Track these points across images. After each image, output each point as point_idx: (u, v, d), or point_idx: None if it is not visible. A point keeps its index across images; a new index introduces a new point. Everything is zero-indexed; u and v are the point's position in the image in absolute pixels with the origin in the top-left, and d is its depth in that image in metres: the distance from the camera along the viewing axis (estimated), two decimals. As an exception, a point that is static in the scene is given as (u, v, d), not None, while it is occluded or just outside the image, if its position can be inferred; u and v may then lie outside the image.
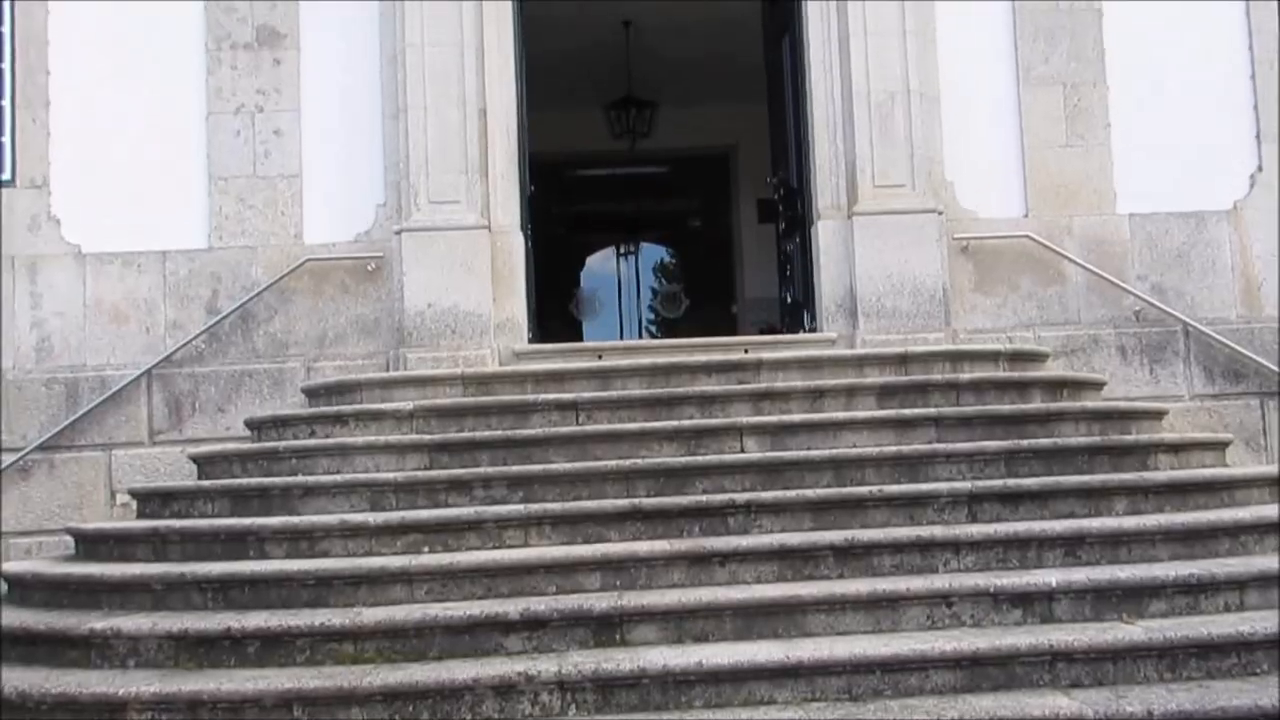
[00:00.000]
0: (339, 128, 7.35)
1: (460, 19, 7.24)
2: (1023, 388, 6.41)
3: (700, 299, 14.62)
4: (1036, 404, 6.25)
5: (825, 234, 7.33)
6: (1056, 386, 6.53)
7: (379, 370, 7.08)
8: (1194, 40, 7.54)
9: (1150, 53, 7.50)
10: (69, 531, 6.05)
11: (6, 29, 7.24)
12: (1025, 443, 5.71)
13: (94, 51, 7.30)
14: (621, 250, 16.29)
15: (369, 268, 7.25)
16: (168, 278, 7.22)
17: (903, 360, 6.63)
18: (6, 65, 7.22)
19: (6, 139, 7.19)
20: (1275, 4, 7.48)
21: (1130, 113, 7.45)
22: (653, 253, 16.96)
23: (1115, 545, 4.95)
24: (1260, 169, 7.47)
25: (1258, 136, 7.47)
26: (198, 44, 7.32)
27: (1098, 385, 6.83)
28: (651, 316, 16.67)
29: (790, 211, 8.14)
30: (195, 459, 6.41)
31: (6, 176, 7.19)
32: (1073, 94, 7.45)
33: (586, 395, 6.22)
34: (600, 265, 16.82)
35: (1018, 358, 6.91)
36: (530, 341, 7.35)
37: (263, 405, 7.05)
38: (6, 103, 7.21)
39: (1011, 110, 7.45)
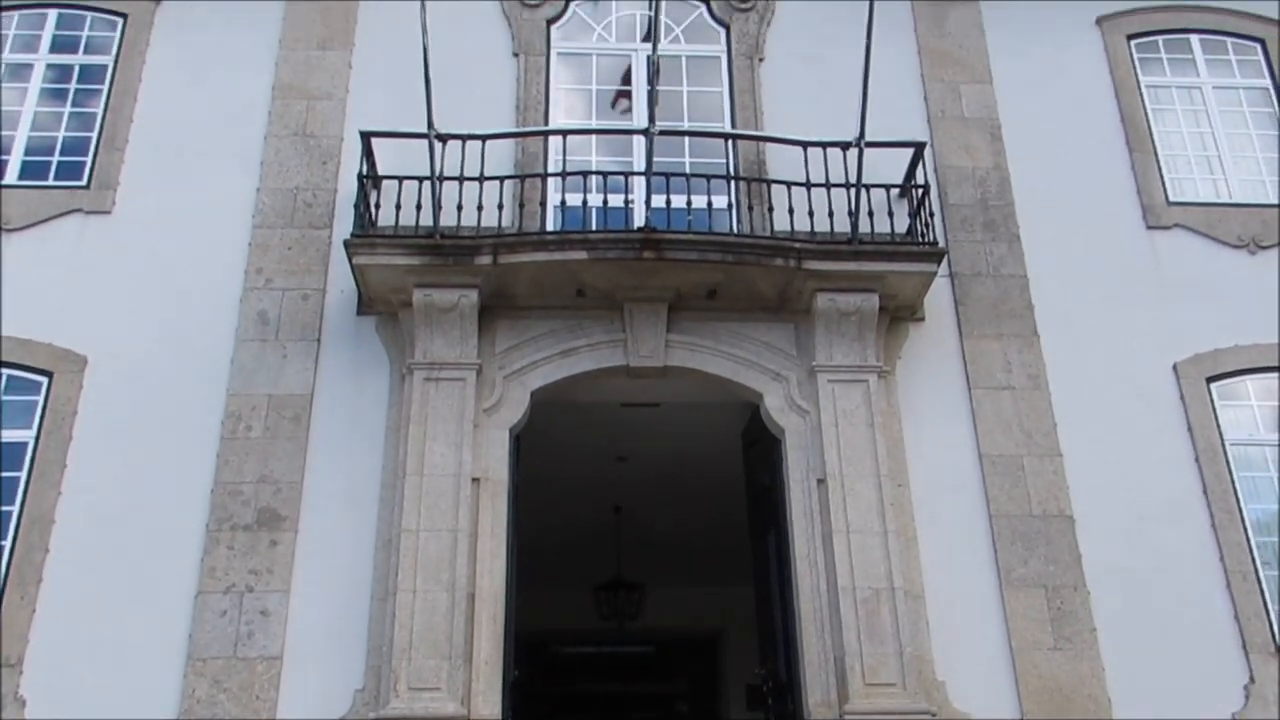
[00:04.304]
0: (326, 609, 7.34)
1: (457, 507, 7.48)
2: None
3: (687, 792, 13.82)
4: None
5: (817, 734, 7.08)
6: None
7: None
8: (1169, 547, 7.79)
9: (1126, 558, 7.72)
10: None
11: (15, 509, 7.49)
12: None
13: (96, 530, 7.48)
14: (606, 733, 15.63)
15: (339, 761, 6.91)
16: (123, 767, 6.86)
17: None
18: (7, 543, 7.39)
19: (-10, 619, 7.18)
20: (1239, 520, 7.85)
21: (1115, 618, 7.51)
22: (639, 734, 16.26)
23: None
24: (1252, 680, 7.40)
25: (1244, 646, 7.49)
26: (199, 525, 7.51)
27: None
28: (636, 805, 15.63)
29: (780, 706, 7.91)
30: None
31: (-20, 656, 7.09)
32: (1054, 596, 7.56)
33: None
34: (583, 746, 16.05)
35: None
36: None
37: None
38: (-6, 582, 7.30)
39: (996, 611, 7.52)
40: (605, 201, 8.14)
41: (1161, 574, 7.68)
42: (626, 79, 9.54)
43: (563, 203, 8.29)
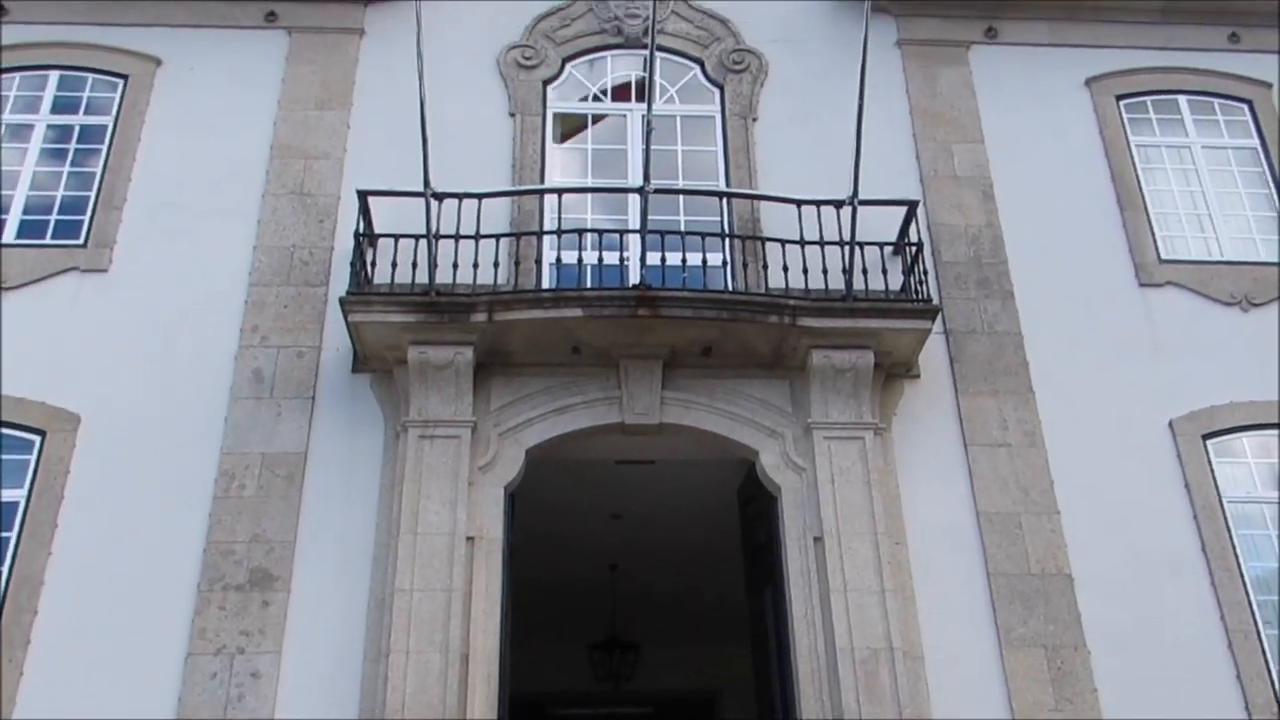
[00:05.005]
0: (318, 671, 7.24)
1: (451, 566, 7.40)
2: None
3: None
4: None
5: (816, 803, 6.95)
6: None
7: None
8: (1169, 606, 7.72)
9: (1126, 618, 7.64)
10: None
11: (5, 570, 7.41)
12: None
13: (86, 591, 7.38)
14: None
15: (325, 835, 6.76)
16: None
17: None
18: (-5, 602, 7.34)
19: (-25, 681, 7.07)
20: (1239, 579, 7.80)
21: (1115, 679, 7.41)
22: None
23: None
24: (1256, 735, 7.34)
25: (1246, 708, 7.38)
26: (190, 585, 7.43)
27: None
28: None
29: (778, 769, 7.80)
30: None
31: (-32, 727, 6.98)
32: (1055, 657, 7.47)
33: None
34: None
35: None
36: None
37: None
38: (-13, 643, 7.19)
39: (996, 671, 7.42)
40: (600, 259, 8.16)
41: (1162, 634, 7.60)
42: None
43: (558, 260, 8.33)
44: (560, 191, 8.71)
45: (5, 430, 7.85)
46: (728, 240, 8.86)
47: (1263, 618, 7.70)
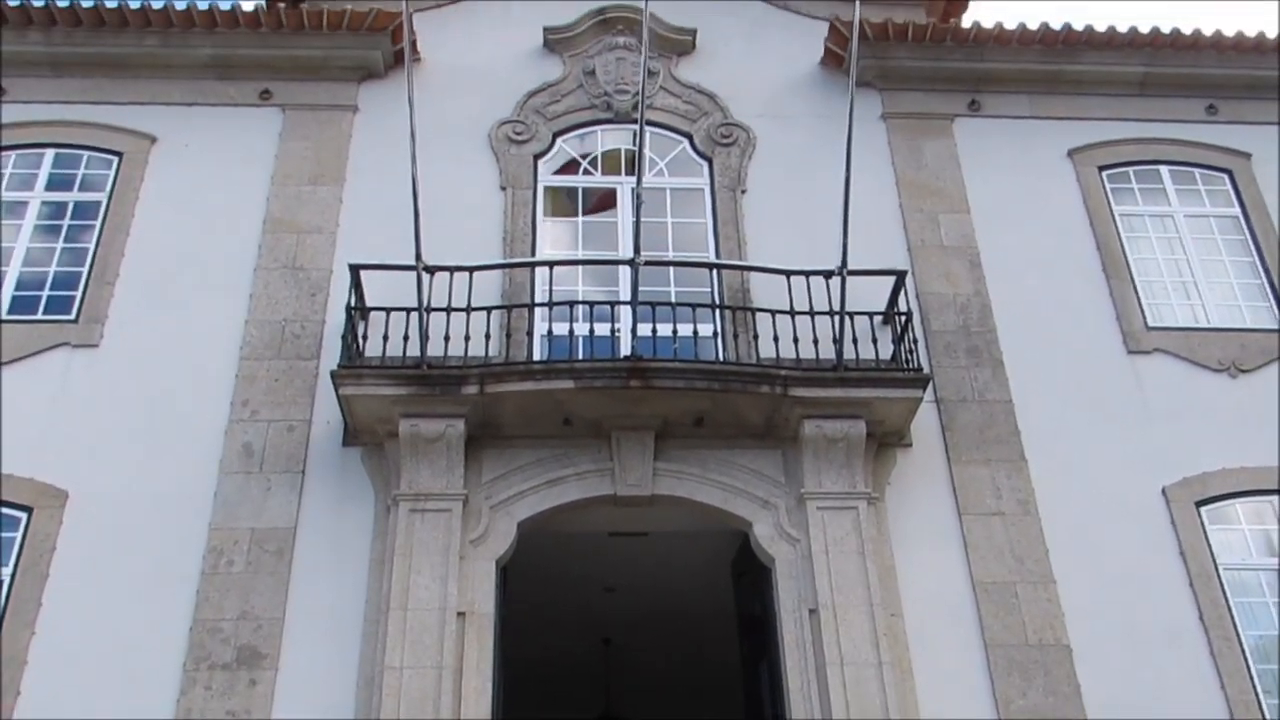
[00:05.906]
0: (304, 756, 7.12)
1: (442, 642, 7.30)
2: None
3: None
4: None
5: None
6: None
7: None
8: (1169, 676, 7.63)
9: (1126, 689, 7.55)
10: None
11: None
12: None
13: (70, 672, 7.26)
14: None
15: None
16: None
17: None
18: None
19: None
20: (1238, 647, 7.72)
21: (1117, 752, 7.33)
22: None
23: None
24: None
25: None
26: (176, 664, 7.31)
27: None
28: None
29: None
30: None
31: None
32: (1056, 732, 7.38)
33: None
34: None
35: None
36: None
37: None
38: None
39: (996, 746, 7.34)
40: (592, 331, 8.20)
41: (1162, 704, 7.49)
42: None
43: (549, 332, 8.35)
44: (551, 264, 8.77)
45: (-7, 508, 7.81)
46: (718, 311, 8.90)
47: (1263, 686, 7.62)
